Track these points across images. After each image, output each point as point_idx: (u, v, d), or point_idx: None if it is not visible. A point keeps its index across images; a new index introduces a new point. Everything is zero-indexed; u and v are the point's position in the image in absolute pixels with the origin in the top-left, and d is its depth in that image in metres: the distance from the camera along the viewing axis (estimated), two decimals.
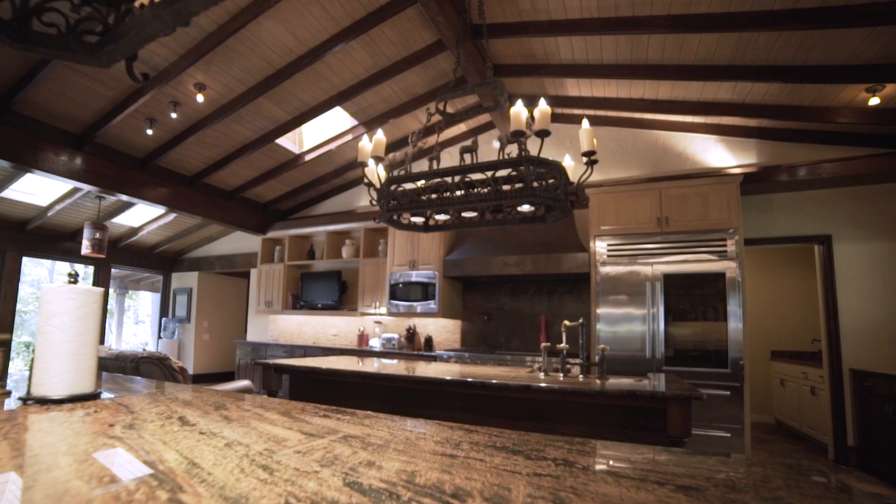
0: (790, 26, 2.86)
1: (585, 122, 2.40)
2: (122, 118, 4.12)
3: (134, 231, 6.85)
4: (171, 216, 6.35)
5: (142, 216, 6.53)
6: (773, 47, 3.19)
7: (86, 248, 5.79)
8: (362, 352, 5.25)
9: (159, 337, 7.88)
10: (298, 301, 6.08)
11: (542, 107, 2.27)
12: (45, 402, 1.18)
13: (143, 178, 4.96)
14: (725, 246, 3.76)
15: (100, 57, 1.25)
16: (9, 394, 1.31)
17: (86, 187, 4.64)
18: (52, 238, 6.55)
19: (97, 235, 5.83)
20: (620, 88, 4.20)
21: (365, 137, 2.64)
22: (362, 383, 2.79)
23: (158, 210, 5.94)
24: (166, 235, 7.16)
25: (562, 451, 0.93)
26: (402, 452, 0.90)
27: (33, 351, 1.42)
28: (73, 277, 1.25)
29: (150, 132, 4.34)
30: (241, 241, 7.11)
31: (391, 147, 5.03)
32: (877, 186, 4.00)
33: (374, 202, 2.76)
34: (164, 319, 7.83)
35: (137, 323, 13.10)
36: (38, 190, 5.78)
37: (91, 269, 7.36)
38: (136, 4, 1.20)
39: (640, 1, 3.10)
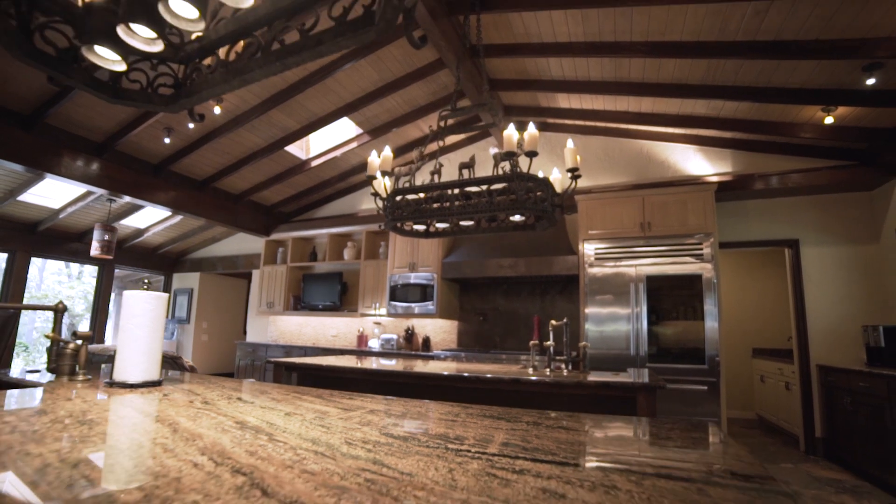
0: (750, 56, 3.20)
1: (570, 142, 2.74)
2: (142, 128, 4.41)
3: (139, 232, 7.12)
4: (177, 218, 6.63)
5: (149, 218, 6.80)
6: (739, 71, 3.53)
7: (95, 250, 6.05)
8: (361, 352, 5.56)
9: None
10: (300, 302, 6.38)
11: (531, 131, 2.59)
12: (124, 385, 1.49)
13: (157, 182, 5.24)
14: (702, 249, 4.10)
15: (174, 107, 1.57)
16: (89, 380, 1.62)
17: (101, 192, 4.92)
18: (60, 239, 6.81)
19: (106, 237, 6.10)
20: (607, 102, 4.54)
21: (374, 153, 2.94)
22: (366, 379, 3.10)
23: (166, 212, 6.21)
24: (170, 237, 7.43)
25: (534, 417, 1.25)
26: (416, 418, 1.22)
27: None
28: (147, 284, 1.56)
29: (167, 141, 4.63)
30: (243, 243, 7.39)
31: (399, 152, 5.37)
32: (838, 195, 4.36)
33: (381, 211, 3.07)
34: (165, 320, 8.09)
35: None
36: (51, 193, 6.04)
37: (95, 268, 7.61)
38: (206, 62, 1.51)
39: (621, 29, 3.43)
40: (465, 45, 3.75)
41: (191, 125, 4.45)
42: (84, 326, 12.17)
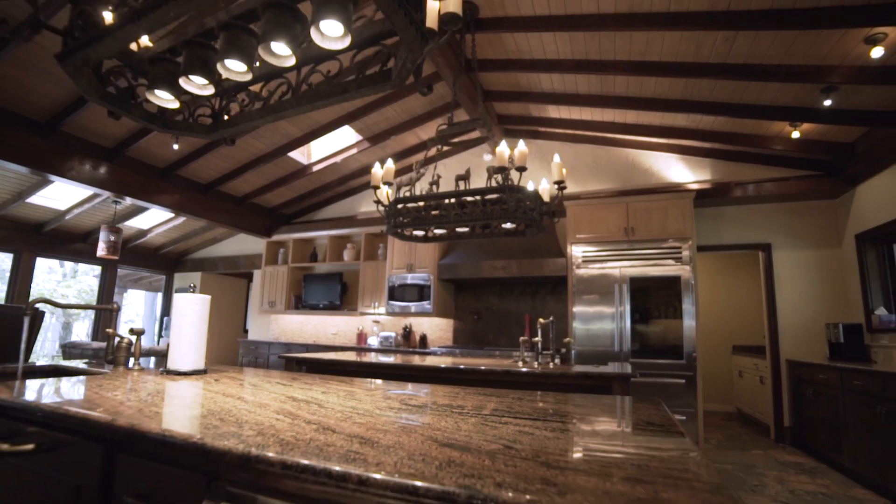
0: (723, 76, 3.55)
1: (557, 157, 3.08)
2: (153, 135, 4.67)
3: (143, 233, 7.36)
4: (180, 219, 6.88)
5: (152, 219, 7.05)
6: (714, 89, 3.88)
7: (101, 250, 6.29)
8: (361, 349, 5.86)
9: (160, 335, 8.40)
10: (301, 301, 6.67)
11: (521, 148, 2.92)
12: (178, 373, 1.79)
13: (163, 186, 5.50)
14: (681, 252, 4.45)
15: (214, 135, 1.87)
16: (143, 369, 1.92)
17: (108, 194, 5.18)
18: (64, 239, 7.04)
19: (112, 238, 6.34)
20: (594, 114, 4.87)
21: (377, 164, 3.25)
22: (371, 372, 3.41)
23: (170, 214, 6.47)
24: (172, 237, 7.67)
25: (518, 395, 1.57)
26: (425, 395, 1.54)
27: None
28: (193, 288, 1.86)
29: (176, 147, 4.90)
30: (244, 243, 7.66)
31: (396, 158, 5.69)
32: (806, 203, 4.73)
33: (383, 217, 3.38)
34: (165, 318, 8.34)
35: (126, 322, 13.50)
36: (58, 195, 6.27)
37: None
38: (240, 97, 1.81)
39: (606, 49, 3.77)
40: (460, 61, 4.07)
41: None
42: (82, 325, 12.34)
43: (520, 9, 3.53)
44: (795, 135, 4.09)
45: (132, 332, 1.93)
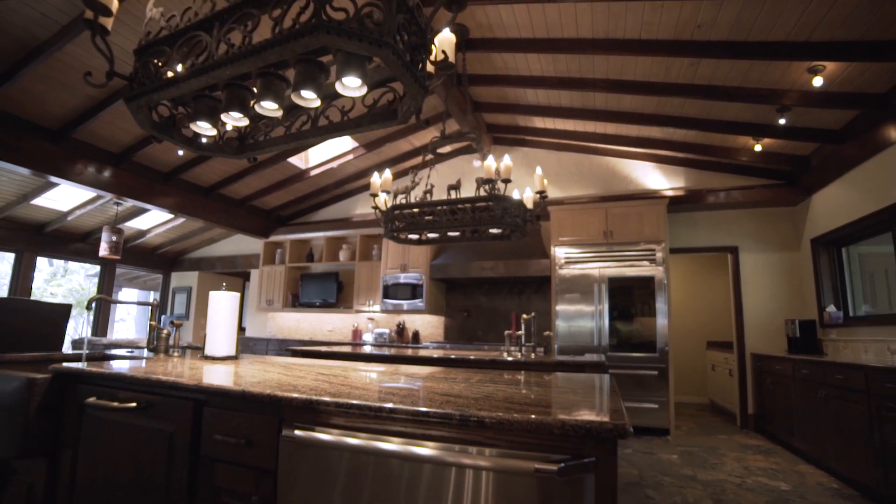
0: (690, 95, 3.97)
1: (539, 169, 3.47)
2: (162, 142, 4.97)
3: (142, 233, 7.62)
4: (180, 220, 7.16)
5: (152, 220, 7.31)
6: (684, 105, 4.30)
7: (104, 250, 6.55)
8: (356, 344, 6.21)
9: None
10: (298, 300, 6.99)
11: (507, 162, 3.30)
12: (214, 358, 2.14)
13: (166, 189, 5.80)
14: (655, 254, 4.87)
15: (241, 156, 2.21)
16: (182, 356, 2.26)
17: (110, 196, 5.47)
18: (64, 240, 7.27)
19: (114, 238, 6.60)
20: (577, 125, 5.28)
21: (375, 174, 3.61)
22: (369, 362, 3.77)
23: (170, 215, 6.75)
24: (170, 237, 7.94)
25: (499, 373, 1.95)
26: (425, 372, 1.91)
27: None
28: (225, 286, 2.21)
29: (181, 153, 5.20)
30: (241, 243, 7.95)
31: (390, 163, 6.07)
32: (770, 209, 5.19)
33: (380, 222, 3.74)
34: (163, 317, 8.60)
35: (118, 321, 13.67)
36: (61, 196, 6.52)
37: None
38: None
39: (585, 68, 4.16)
40: (452, 76, 4.43)
41: (203, 139, 5.03)
42: (70, 323, 12.46)
43: (507, 32, 3.91)
44: (758, 148, 4.52)
45: (172, 324, 2.28)
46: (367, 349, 4.18)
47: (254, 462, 1.17)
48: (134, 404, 1.36)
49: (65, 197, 6.55)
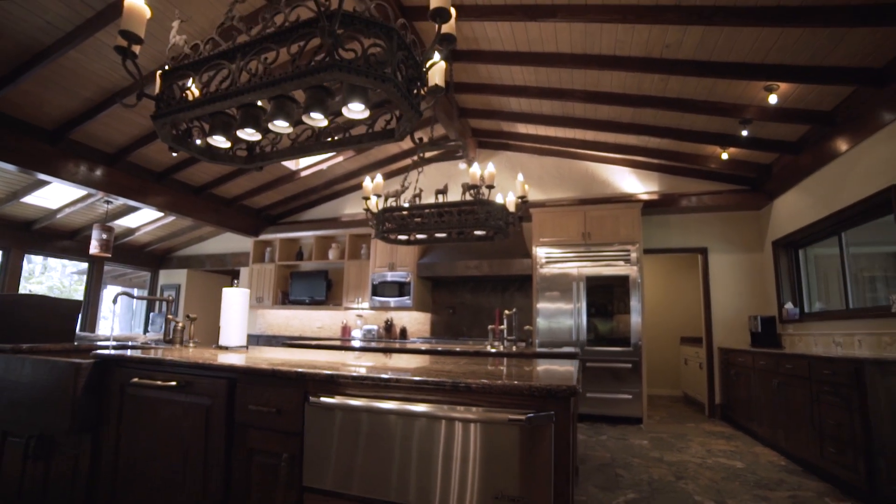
0: (661, 107, 4.32)
1: (520, 176, 3.78)
2: (153, 142, 5.15)
3: (130, 231, 7.74)
4: (170, 218, 7.30)
5: (142, 218, 7.44)
6: (657, 115, 4.66)
7: (94, 248, 6.68)
8: (345, 340, 6.46)
9: (146, 331, 8.77)
10: (288, 297, 7.21)
11: (490, 169, 3.60)
12: (228, 348, 2.40)
13: (158, 188, 5.96)
14: (630, 255, 5.23)
15: (250, 166, 2.47)
16: (197, 346, 2.51)
17: (101, 194, 5.62)
18: (52, 237, 7.36)
19: (104, 236, 6.73)
20: (557, 131, 5.61)
21: (367, 178, 3.87)
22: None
23: (160, 213, 6.89)
24: (159, 235, 8.07)
25: (483, 360, 2.25)
26: (418, 358, 2.20)
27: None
28: (237, 284, 2.47)
29: (175, 154, 5.38)
30: (230, 242, 8.12)
31: (379, 165, 6.35)
32: (736, 213, 5.60)
33: (371, 223, 4.01)
34: (151, 314, 8.72)
35: (101, 319, 13.64)
36: (51, 194, 6.62)
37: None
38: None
39: (565, 80, 4.49)
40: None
41: (198, 141, 5.22)
42: None
43: (492, 45, 4.21)
44: (725, 156, 4.91)
45: (188, 317, 2.52)
46: (357, 344, 4.44)
47: (283, 427, 1.45)
48: (174, 383, 1.62)
49: (55, 195, 6.65)
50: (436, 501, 1.24)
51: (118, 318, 13.03)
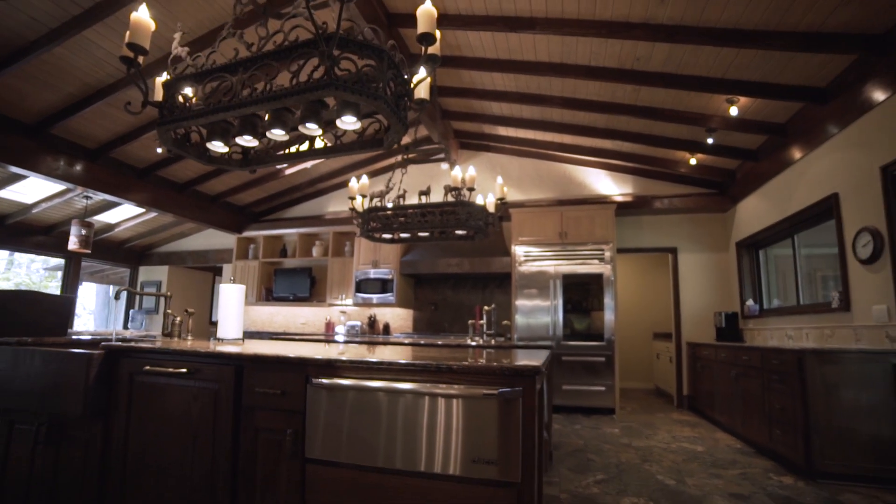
0: (634, 115, 4.61)
1: (500, 178, 4.02)
2: (141, 139, 5.23)
3: (110, 227, 7.73)
4: (151, 215, 7.33)
5: (122, 214, 7.44)
6: (630, 122, 4.96)
7: (73, 244, 6.68)
8: (329, 335, 6.62)
9: (125, 327, 8.76)
10: (271, 294, 7.33)
11: (471, 173, 3.83)
12: (226, 340, 2.57)
13: (141, 185, 6.02)
14: (604, 254, 5.54)
15: (244, 168, 2.64)
16: (195, 339, 2.67)
17: (80, 189, 5.67)
18: (26, 232, 7.30)
19: (83, 232, 6.73)
20: (536, 134, 5.88)
21: (353, 179, 4.06)
22: None
23: (142, 209, 6.93)
24: (139, 231, 8.07)
25: (462, 350, 2.48)
26: (405, 350, 2.42)
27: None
28: (233, 280, 2.64)
29: (159, 150, 5.46)
30: (213, 238, 8.17)
31: (362, 164, 6.52)
32: (704, 215, 5.97)
33: (356, 222, 4.21)
34: (132, 311, 8.71)
35: (76, 316, 13.43)
36: (26, 189, 6.60)
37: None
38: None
39: (543, 86, 4.75)
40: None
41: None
42: None
43: (474, 52, 4.43)
44: (693, 161, 5.25)
45: (186, 312, 2.68)
46: (341, 339, 4.64)
47: (287, 406, 1.65)
48: (184, 370, 1.80)
49: (31, 189, 6.62)
50: (421, 466, 1.47)
51: (94, 317, 12.87)
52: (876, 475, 2.84)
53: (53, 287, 13.16)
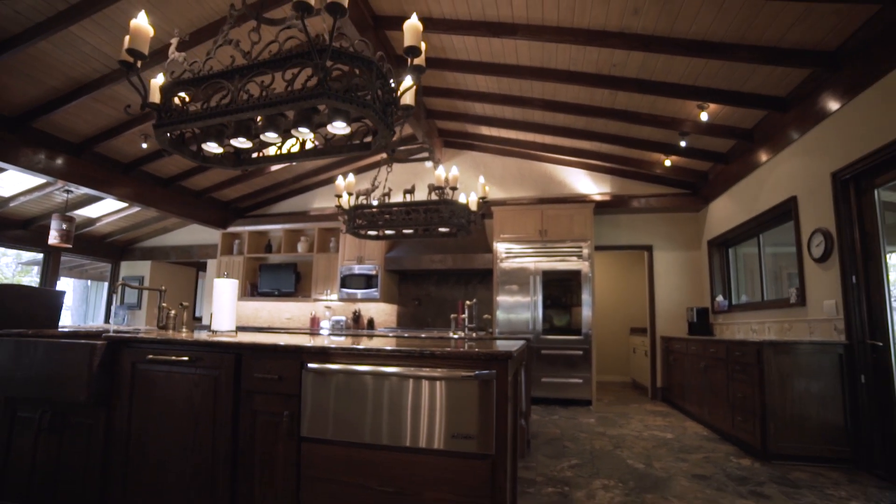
0: (610, 118, 4.84)
1: (481, 178, 4.21)
2: (125, 134, 5.27)
3: (91, 221, 7.71)
4: (134, 209, 7.34)
5: (104, 208, 7.43)
6: (608, 124, 5.19)
7: (53, 239, 6.66)
8: (314, 330, 6.75)
9: (106, 321, 8.74)
10: (256, 289, 7.41)
11: (454, 173, 4.01)
12: (218, 332, 2.71)
13: (125, 179, 6.05)
14: (582, 251, 5.78)
15: (237, 168, 2.78)
16: (189, 332, 2.80)
17: (60, 183, 5.69)
18: (2, 226, 7.23)
19: (64, 227, 6.72)
20: (518, 134, 6.08)
21: (340, 177, 4.21)
22: None
23: (125, 203, 6.94)
24: (121, 226, 8.06)
25: (446, 341, 2.67)
26: (386, 339, 2.59)
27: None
28: (226, 274, 2.77)
29: (144, 146, 5.51)
30: (196, 233, 8.20)
31: (347, 161, 6.64)
32: (678, 214, 6.26)
33: (342, 220, 4.35)
34: (113, 306, 8.69)
35: None
36: (3, 182, 6.55)
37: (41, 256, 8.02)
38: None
39: (525, 89, 4.94)
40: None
41: (168, 133, 5.38)
42: None
43: (457, 54, 4.60)
44: (668, 163, 5.51)
45: (181, 305, 2.81)
46: (325, 333, 4.78)
47: (284, 390, 1.81)
48: (186, 358, 1.95)
49: (8, 183, 6.58)
50: (407, 441, 1.65)
51: (71, 312, 12.71)
52: (823, 455, 3.12)
53: (28, 282, 12.95)
